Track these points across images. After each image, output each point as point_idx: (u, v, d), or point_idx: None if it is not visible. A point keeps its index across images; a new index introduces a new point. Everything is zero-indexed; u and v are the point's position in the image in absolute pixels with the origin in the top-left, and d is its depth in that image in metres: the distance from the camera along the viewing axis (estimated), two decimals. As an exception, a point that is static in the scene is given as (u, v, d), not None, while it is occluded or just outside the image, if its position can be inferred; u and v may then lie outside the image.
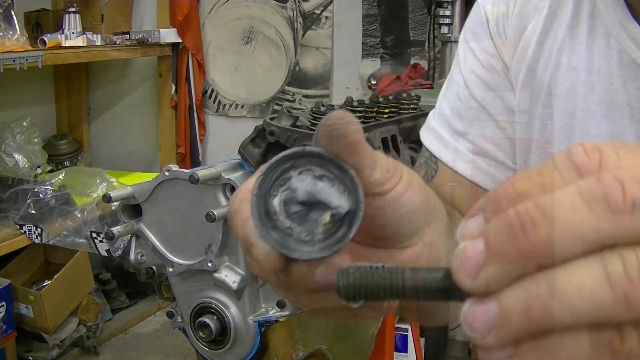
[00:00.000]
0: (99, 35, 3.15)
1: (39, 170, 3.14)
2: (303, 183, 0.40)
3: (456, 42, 2.74)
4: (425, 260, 0.46)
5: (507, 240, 0.28)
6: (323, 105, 1.44)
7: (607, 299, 0.27)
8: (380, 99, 1.59)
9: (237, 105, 3.59)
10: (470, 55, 0.77)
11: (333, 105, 1.56)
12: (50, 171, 3.24)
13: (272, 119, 1.35)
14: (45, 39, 2.91)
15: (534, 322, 0.28)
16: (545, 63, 0.69)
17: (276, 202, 0.40)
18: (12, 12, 2.71)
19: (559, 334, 0.28)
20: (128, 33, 3.29)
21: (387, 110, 1.57)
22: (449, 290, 0.32)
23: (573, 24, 0.67)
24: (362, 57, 3.28)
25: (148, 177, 2.40)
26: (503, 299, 0.29)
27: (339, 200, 0.39)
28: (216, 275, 1.21)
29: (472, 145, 0.76)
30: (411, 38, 3.19)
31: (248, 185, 0.42)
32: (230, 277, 1.21)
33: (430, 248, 0.47)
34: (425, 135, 0.81)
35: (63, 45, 3.01)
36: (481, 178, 0.76)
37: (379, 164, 0.41)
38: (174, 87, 3.58)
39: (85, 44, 3.08)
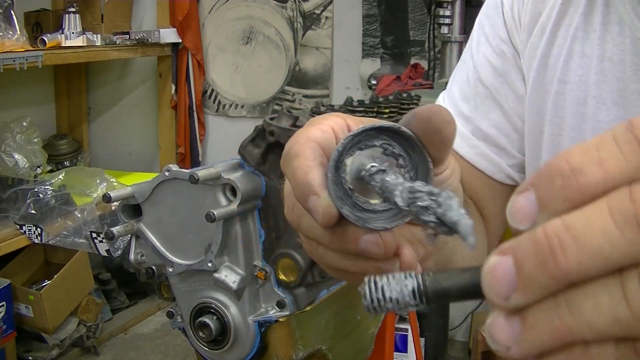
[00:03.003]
0: (98, 35, 3.15)
1: (39, 170, 3.14)
2: (379, 154, 0.40)
3: (456, 42, 2.76)
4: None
5: (537, 265, 0.28)
6: (323, 105, 1.44)
7: (626, 316, 0.26)
8: (380, 99, 1.59)
9: (237, 105, 3.59)
10: (483, 39, 0.77)
11: (333, 105, 1.56)
12: (50, 171, 3.24)
13: (272, 119, 1.34)
14: (45, 39, 2.91)
15: (557, 339, 0.28)
16: (559, 50, 0.69)
17: (349, 161, 0.41)
18: (12, 12, 2.71)
19: (583, 347, 0.28)
20: (128, 33, 3.29)
21: (387, 110, 1.57)
22: (472, 290, 0.32)
23: (587, 12, 0.67)
24: (362, 57, 3.28)
25: (148, 177, 2.40)
26: (527, 317, 0.29)
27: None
28: (216, 275, 1.21)
29: (477, 130, 0.76)
30: (411, 38, 3.18)
31: (309, 133, 0.43)
32: (230, 277, 1.21)
33: None
34: None
35: (63, 45, 3.01)
36: (483, 164, 0.76)
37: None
38: (173, 87, 3.58)
39: (85, 44, 3.08)
